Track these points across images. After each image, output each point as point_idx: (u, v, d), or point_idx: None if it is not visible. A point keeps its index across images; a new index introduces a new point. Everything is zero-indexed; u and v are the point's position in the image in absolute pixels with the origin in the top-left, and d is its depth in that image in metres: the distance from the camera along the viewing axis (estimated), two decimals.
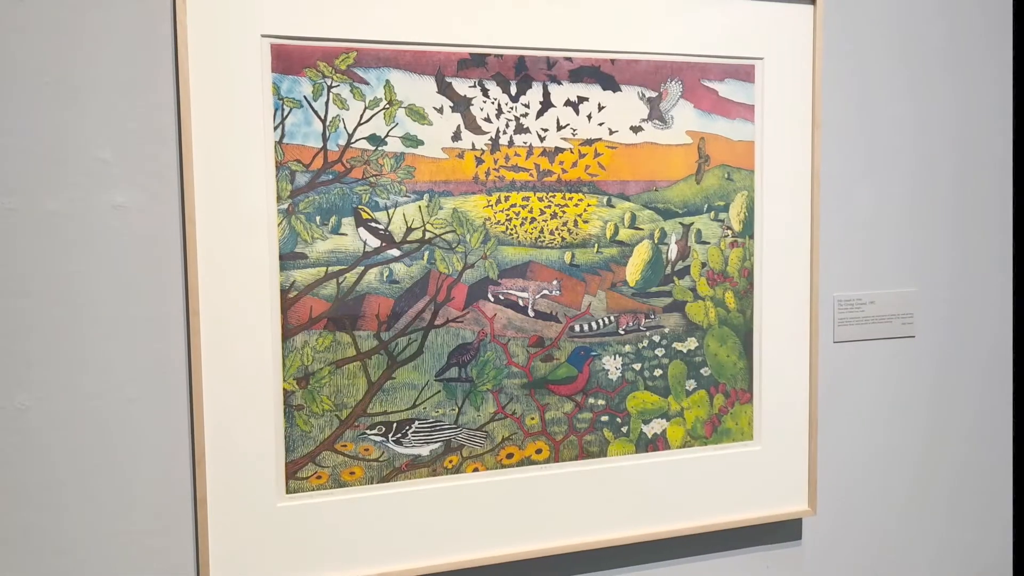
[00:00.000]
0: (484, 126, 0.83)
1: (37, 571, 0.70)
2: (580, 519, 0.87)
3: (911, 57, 1.03)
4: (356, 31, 0.77)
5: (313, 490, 0.78)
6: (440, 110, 0.82)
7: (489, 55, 0.82)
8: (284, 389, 0.77)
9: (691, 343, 0.93)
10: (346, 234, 0.79)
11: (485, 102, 0.83)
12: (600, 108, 0.87)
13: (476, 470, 0.84)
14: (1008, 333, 1.05)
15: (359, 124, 0.79)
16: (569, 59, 0.85)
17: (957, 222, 1.07)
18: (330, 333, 0.79)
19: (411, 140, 0.80)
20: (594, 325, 0.89)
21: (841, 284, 1.03)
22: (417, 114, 0.80)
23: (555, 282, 0.88)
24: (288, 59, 0.76)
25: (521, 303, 0.86)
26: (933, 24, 1.03)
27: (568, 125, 0.86)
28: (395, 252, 0.81)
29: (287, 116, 0.76)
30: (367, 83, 0.79)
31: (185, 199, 0.73)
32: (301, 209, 0.78)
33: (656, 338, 0.92)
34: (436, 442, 0.83)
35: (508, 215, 0.85)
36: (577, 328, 0.89)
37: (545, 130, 0.86)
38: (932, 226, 1.06)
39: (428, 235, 0.82)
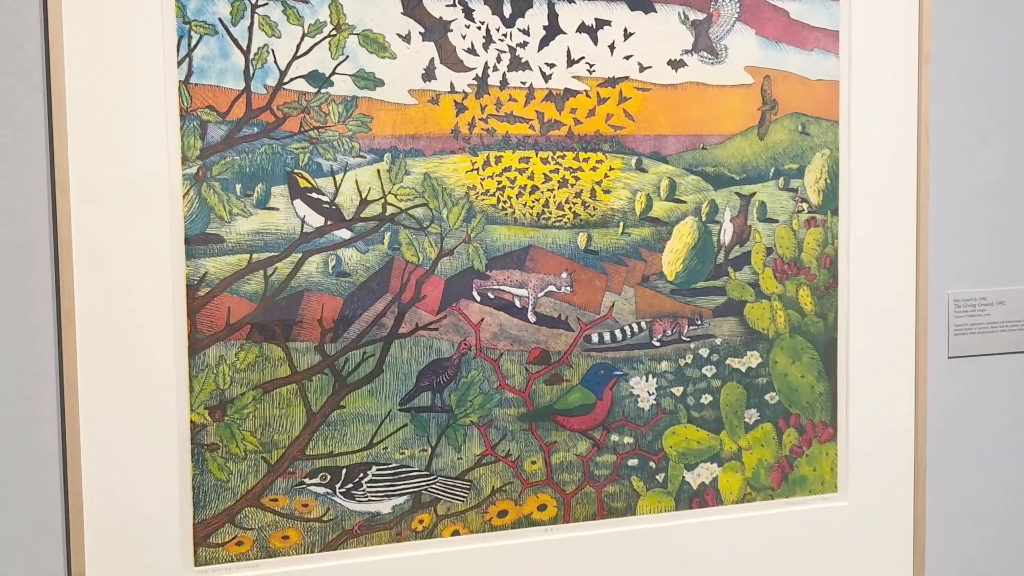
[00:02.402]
0: (467, 60, 0.85)
1: None
2: None
3: None
4: None
5: (232, 561, 0.79)
6: (407, 38, 0.82)
7: None
8: (192, 422, 0.78)
9: (752, 359, 0.96)
10: (277, 208, 0.80)
11: (468, 27, 0.84)
12: (627, 35, 0.88)
13: (456, 533, 0.86)
14: None
15: (295, 57, 0.79)
16: None
17: None
18: (255, 345, 0.80)
19: (367, 79, 0.82)
20: (619, 334, 0.92)
21: (959, 278, 1.05)
22: (375, 43, 0.82)
23: (565, 275, 0.90)
24: None
25: (518, 303, 0.89)
26: None
27: (583, 59, 0.88)
28: (344, 233, 0.83)
29: (196, 46, 0.76)
30: (305, 0, 0.79)
31: (55, 161, 0.73)
32: (215, 174, 0.78)
33: (704, 352, 0.94)
34: (401, 495, 0.84)
35: (500, 182, 0.87)
36: (595, 338, 0.91)
37: (551, 66, 0.86)
38: None
39: (390, 210, 0.84)
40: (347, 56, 0.81)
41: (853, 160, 0.97)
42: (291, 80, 0.80)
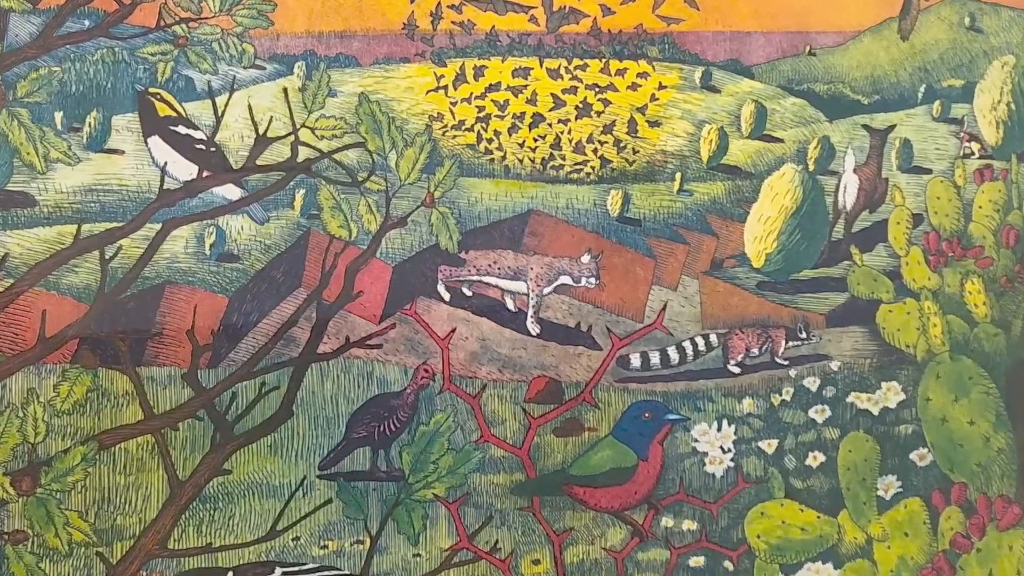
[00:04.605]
0: None
1: None
2: None
3: None
4: None
5: None
6: None
7: None
8: None
9: (890, 393, 0.93)
10: (122, 151, 0.80)
11: None
12: None
13: None
14: None
15: None
16: None
17: None
18: (86, 372, 0.80)
19: None
20: (674, 354, 0.90)
21: None
22: None
23: (587, 258, 0.88)
24: None
25: (511, 305, 0.87)
26: None
27: None
28: (231, 191, 0.82)
29: None
30: None
31: None
32: (21, 96, 0.79)
33: (811, 383, 0.92)
34: None
35: (483, 109, 0.85)
36: (636, 361, 0.89)
37: None
38: None
39: (305, 153, 0.83)
40: None
41: None
42: None
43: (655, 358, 0.89)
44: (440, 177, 0.84)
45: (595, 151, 0.87)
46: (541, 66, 0.86)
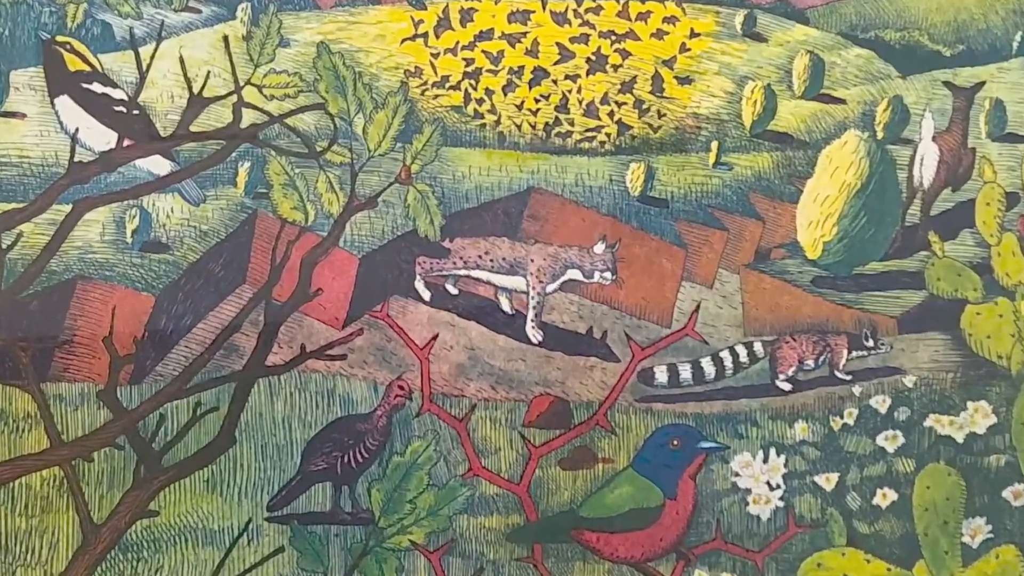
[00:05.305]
0: None
1: None
2: None
3: None
4: None
5: None
6: None
7: None
8: None
9: (977, 417, 0.90)
10: (23, 115, 0.80)
11: None
12: None
13: None
14: None
15: None
16: None
17: None
18: None
19: None
20: (709, 368, 0.86)
21: None
22: None
23: (601, 247, 0.85)
24: None
25: (507, 305, 0.84)
26: None
27: None
28: (158, 165, 0.81)
29: None
30: None
31: None
32: None
33: (880, 404, 0.89)
34: None
35: (471, 62, 0.83)
36: (662, 375, 0.86)
37: None
38: None
39: (250, 117, 0.81)
40: None
41: None
42: None
43: (685, 372, 0.86)
44: (419, 147, 0.83)
45: (611, 114, 0.85)
46: (544, 8, 0.84)
